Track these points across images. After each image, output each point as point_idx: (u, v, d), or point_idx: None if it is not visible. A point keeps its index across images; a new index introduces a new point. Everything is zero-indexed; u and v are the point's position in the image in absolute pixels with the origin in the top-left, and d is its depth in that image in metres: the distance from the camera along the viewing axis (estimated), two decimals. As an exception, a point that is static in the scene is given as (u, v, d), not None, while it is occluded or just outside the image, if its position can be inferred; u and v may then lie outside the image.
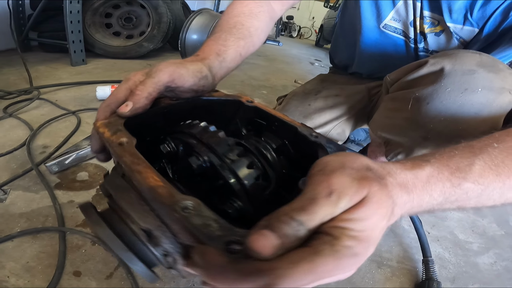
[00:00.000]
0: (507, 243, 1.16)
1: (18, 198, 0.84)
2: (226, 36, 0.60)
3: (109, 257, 0.74)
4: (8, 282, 0.64)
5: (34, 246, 0.72)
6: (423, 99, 0.64)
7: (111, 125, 0.38)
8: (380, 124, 0.83)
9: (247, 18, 0.67)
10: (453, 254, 1.03)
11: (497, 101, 0.59)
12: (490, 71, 0.59)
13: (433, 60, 0.65)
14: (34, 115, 1.23)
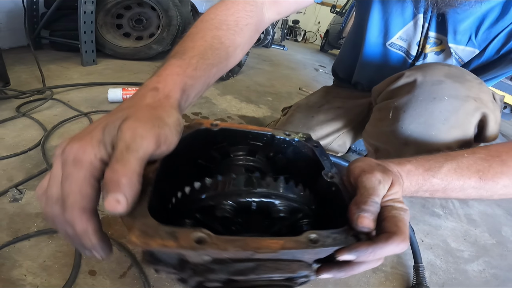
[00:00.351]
0: (498, 252, 1.19)
1: (33, 198, 0.85)
2: (197, 62, 0.47)
3: (122, 257, 0.76)
4: (25, 281, 0.66)
5: (50, 246, 0.74)
6: (400, 108, 0.70)
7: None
8: (370, 133, 0.86)
9: (229, 34, 0.57)
10: (444, 261, 1.05)
11: (463, 108, 0.64)
12: (456, 81, 0.65)
13: (408, 72, 0.71)
14: (46, 115, 1.25)
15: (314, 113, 1.07)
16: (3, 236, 0.73)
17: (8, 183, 0.88)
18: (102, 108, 1.40)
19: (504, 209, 1.53)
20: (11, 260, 0.69)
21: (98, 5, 1.86)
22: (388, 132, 0.75)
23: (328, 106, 1.09)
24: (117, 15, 2.10)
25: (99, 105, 1.42)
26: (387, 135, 0.75)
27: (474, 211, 1.44)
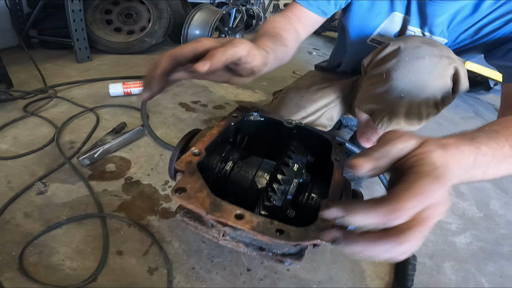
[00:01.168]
0: (485, 225, 1.22)
1: (57, 189, 0.89)
2: (274, 41, 0.69)
3: (143, 237, 0.81)
4: (64, 265, 0.70)
5: (80, 231, 0.78)
6: (391, 69, 0.80)
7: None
8: (363, 98, 0.93)
9: (283, 31, 0.77)
10: (432, 233, 1.10)
11: (440, 63, 0.76)
12: (430, 45, 0.77)
13: (392, 42, 0.82)
14: (54, 113, 1.26)
15: (304, 93, 1.14)
16: (37, 226, 0.77)
17: (31, 177, 0.91)
18: (106, 103, 1.41)
19: (492, 182, 1.54)
20: (48, 248, 0.73)
21: (85, 2, 1.83)
22: (383, 92, 0.84)
23: (316, 87, 1.16)
24: (105, 11, 2.07)
25: (102, 100, 1.43)
26: (382, 94, 0.84)
27: (463, 184, 1.46)
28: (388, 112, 0.85)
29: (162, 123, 1.37)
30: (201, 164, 0.50)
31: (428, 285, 0.88)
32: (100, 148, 1.02)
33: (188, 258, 0.78)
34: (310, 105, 1.10)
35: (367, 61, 0.91)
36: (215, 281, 0.75)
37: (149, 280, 0.71)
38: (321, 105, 1.11)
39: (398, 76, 0.79)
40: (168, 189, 0.99)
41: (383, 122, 0.88)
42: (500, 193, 1.46)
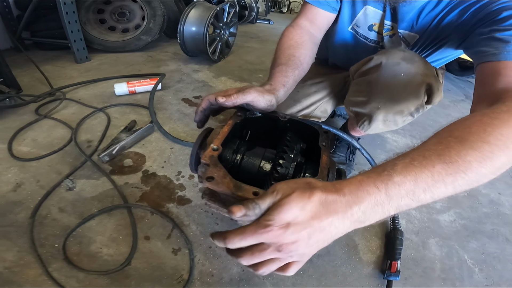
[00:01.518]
0: (468, 203, 1.30)
1: (84, 185, 1.02)
2: (286, 69, 0.83)
3: (165, 223, 0.95)
4: (102, 252, 0.84)
5: (111, 221, 0.92)
6: (372, 82, 0.94)
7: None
8: (350, 102, 1.07)
9: (296, 50, 0.89)
10: (418, 211, 1.22)
11: (414, 80, 0.89)
12: (408, 63, 0.90)
13: (376, 56, 0.95)
14: (66, 115, 1.37)
15: (299, 88, 1.26)
16: (72, 219, 0.91)
17: (58, 176, 1.04)
18: (113, 102, 1.53)
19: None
20: (86, 238, 0.87)
21: (77, 3, 1.90)
22: (364, 101, 0.98)
23: (310, 82, 1.28)
24: (98, 11, 2.14)
25: (109, 100, 1.55)
26: (364, 102, 0.99)
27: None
28: (368, 117, 1.01)
29: (169, 118, 1.49)
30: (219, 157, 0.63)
31: (415, 259, 1.00)
32: (116, 145, 1.15)
33: (205, 238, 0.93)
34: (305, 99, 1.23)
35: (353, 69, 1.05)
36: (229, 257, 0.88)
37: (175, 259, 0.85)
38: (315, 100, 1.24)
39: (376, 91, 0.93)
40: (181, 179, 1.13)
41: (364, 126, 1.05)
42: None
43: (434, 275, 0.96)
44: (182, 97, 1.72)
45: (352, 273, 0.92)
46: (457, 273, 0.98)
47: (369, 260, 0.97)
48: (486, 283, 0.97)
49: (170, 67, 2.10)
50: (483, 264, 1.03)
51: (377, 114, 0.97)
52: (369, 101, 0.96)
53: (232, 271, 0.86)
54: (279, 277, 0.86)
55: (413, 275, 0.95)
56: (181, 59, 2.27)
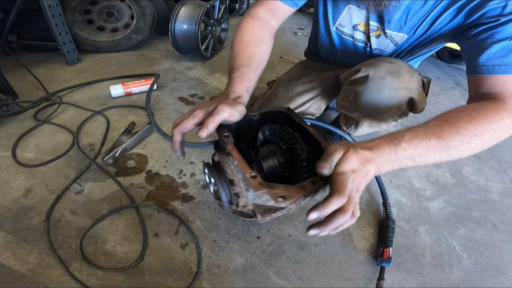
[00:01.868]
0: (457, 191, 1.40)
1: (92, 188, 1.09)
2: (248, 72, 0.84)
3: (171, 220, 1.03)
4: (117, 251, 0.92)
5: (122, 221, 1.00)
6: (358, 93, 1.03)
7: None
8: (340, 104, 1.19)
9: (257, 47, 0.90)
10: (409, 199, 1.31)
11: (397, 95, 0.98)
12: (393, 77, 0.97)
13: (363, 68, 1.03)
14: (65, 119, 1.43)
15: (294, 87, 1.34)
16: (85, 220, 0.98)
17: (65, 180, 1.11)
18: (110, 104, 1.58)
19: None
20: (100, 238, 0.95)
21: (63, 5, 1.90)
22: (352, 107, 1.09)
23: (304, 80, 1.35)
24: (84, 11, 2.16)
25: (106, 102, 1.60)
26: (351, 108, 1.10)
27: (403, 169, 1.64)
28: (355, 122, 1.14)
29: (167, 118, 1.56)
30: None
31: (406, 246, 1.10)
32: (119, 148, 1.22)
33: (209, 233, 1.02)
34: (299, 98, 1.31)
35: (343, 76, 1.14)
36: (233, 249, 0.98)
37: (183, 254, 0.94)
38: (309, 98, 1.31)
39: (362, 101, 1.02)
40: (183, 177, 1.21)
41: (351, 128, 1.18)
42: (474, 159, 1.64)
43: (425, 261, 1.06)
44: (178, 96, 1.78)
45: (348, 260, 1.01)
46: (446, 259, 1.08)
47: (363, 248, 1.06)
48: (474, 269, 1.06)
49: (163, 66, 2.14)
50: (471, 250, 1.12)
51: (363, 121, 1.10)
52: (355, 109, 1.07)
53: (237, 261, 0.95)
54: (280, 265, 0.96)
55: (404, 261, 1.04)
56: (174, 57, 2.31)
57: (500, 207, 1.35)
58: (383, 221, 1.14)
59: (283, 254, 1.00)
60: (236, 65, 0.85)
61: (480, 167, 1.59)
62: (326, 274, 0.97)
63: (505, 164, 1.67)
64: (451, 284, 1.00)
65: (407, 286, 0.98)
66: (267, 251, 1.00)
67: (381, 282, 0.93)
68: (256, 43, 0.91)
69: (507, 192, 1.45)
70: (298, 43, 3.15)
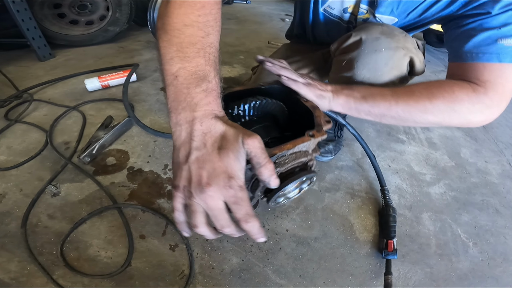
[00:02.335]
0: (457, 174, 1.40)
1: (69, 189, 1.03)
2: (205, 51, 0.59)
3: (158, 220, 0.98)
4: (101, 256, 0.87)
5: (104, 223, 0.94)
6: (353, 59, 0.98)
7: None
8: (333, 79, 1.12)
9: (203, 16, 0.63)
10: (409, 184, 1.29)
11: (396, 55, 0.93)
12: (388, 37, 0.93)
13: (354, 33, 0.98)
14: (37, 117, 1.35)
15: None
16: (64, 225, 0.92)
17: (40, 182, 1.04)
18: (86, 98, 1.51)
19: (463, 131, 1.72)
20: (82, 242, 0.89)
21: (28, 1, 1.81)
22: (347, 77, 1.02)
23: (290, 60, 1.30)
24: (54, 6, 2.07)
25: (81, 97, 1.53)
26: (347, 79, 1.03)
27: (434, 134, 1.68)
28: None
29: (149, 110, 1.50)
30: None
31: (410, 235, 1.08)
32: (96, 144, 1.16)
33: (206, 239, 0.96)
34: None
35: (334, 47, 1.08)
36: (227, 248, 0.93)
37: (173, 256, 0.89)
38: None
39: (359, 66, 0.96)
40: (168, 172, 1.15)
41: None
42: (470, 140, 1.66)
43: (431, 251, 1.03)
44: (160, 86, 1.72)
45: (351, 254, 0.98)
46: (452, 248, 1.06)
47: (366, 239, 1.03)
48: (481, 258, 1.05)
49: (144, 57, 2.08)
50: (477, 238, 1.11)
51: None
52: (352, 77, 1.00)
53: (232, 261, 0.90)
54: (279, 263, 0.92)
55: (410, 252, 1.02)
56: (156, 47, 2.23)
57: (501, 190, 1.35)
58: (383, 209, 1.11)
59: (281, 251, 0.96)
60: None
61: (478, 149, 1.60)
62: (329, 270, 0.93)
63: (502, 145, 1.68)
64: (459, 275, 0.98)
65: (415, 278, 0.95)
66: (264, 249, 0.95)
67: (389, 277, 0.89)
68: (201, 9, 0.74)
69: (506, 174, 1.46)
70: (286, 29, 3.11)
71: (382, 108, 0.76)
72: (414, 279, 0.94)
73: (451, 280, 0.96)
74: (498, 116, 0.78)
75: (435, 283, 0.95)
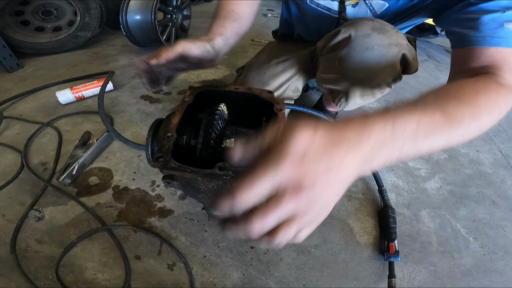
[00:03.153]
0: (450, 166, 1.45)
1: (53, 212, 1.02)
2: (224, 21, 0.86)
3: (151, 239, 0.98)
4: (98, 278, 0.87)
5: (95, 246, 0.94)
6: (343, 58, 0.97)
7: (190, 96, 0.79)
8: (322, 79, 1.13)
9: (236, 6, 0.92)
10: (405, 181, 1.33)
11: (389, 52, 0.92)
12: (380, 33, 0.92)
13: (343, 29, 0.96)
14: (10, 137, 1.32)
15: (265, 69, 1.30)
16: (54, 249, 0.92)
17: (22, 207, 1.02)
18: (60, 113, 1.48)
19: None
20: (76, 266, 0.89)
21: None
22: (337, 77, 1.03)
23: (276, 61, 1.32)
24: (16, 13, 2.00)
25: (54, 111, 1.50)
26: (337, 79, 1.04)
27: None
28: (345, 93, 1.07)
29: (129, 122, 1.48)
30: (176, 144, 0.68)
31: (411, 234, 1.11)
32: (75, 164, 1.14)
33: (197, 248, 0.97)
34: (273, 81, 1.27)
35: (321, 44, 1.07)
36: (226, 263, 0.94)
37: (172, 275, 0.89)
38: (284, 79, 1.28)
39: (349, 66, 0.96)
40: (157, 189, 1.15)
41: (341, 103, 1.11)
42: None
43: (432, 249, 1.07)
44: (140, 94, 1.70)
45: (353, 258, 1.01)
46: (454, 245, 1.10)
47: (367, 242, 1.06)
48: (482, 252, 1.09)
49: (121, 62, 2.05)
50: (476, 232, 1.15)
51: (354, 91, 1.03)
52: (342, 78, 1.02)
53: (233, 276, 0.91)
54: (281, 274, 0.93)
55: (412, 252, 1.05)
56: (133, 51, 2.22)
57: (495, 180, 1.41)
58: (382, 210, 1.14)
59: (282, 262, 0.97)
60: (213, 18, 0.89)
61: (468, 138, 1.64)
62: (332, 276, 0.95)
63: (491, 133, 1.75)
64: (463, 271, 1.02)
65: (419, 278, 0.98)
66: (264, 261, 0.97)
67: (393, 281, 0.92)
68: (236, 3, 0.93)
69: (498, 163, 1.52)
70: (269, 24, 3.18)
71: (439, 143, 0.49)
72: (418, 279, 0.98)
73: (455, 276, 1.00)
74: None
75: (440, 281, 0.98)
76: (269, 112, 0.80)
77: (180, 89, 1.80)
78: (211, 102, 0.83)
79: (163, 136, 0.66)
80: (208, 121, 0.73)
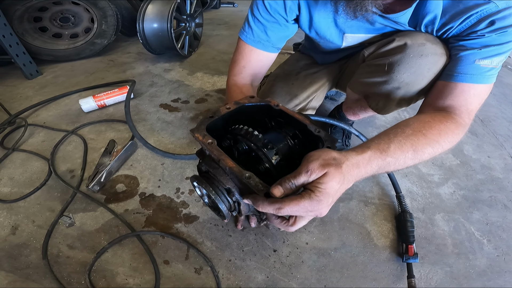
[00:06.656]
0: (463, 172, 1.45)
1: (83, 219, 1.06)
2: None
3: (179, 244, 1.01)
4: (129, 283, 0.91)
5: (125, 251, 0.97)
6: (395, 62, 1.00)
7: (200, 131, 0.71)
8: (359, 83, 1.15)
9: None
10: (419, 187, 1.34)
11: (440, 60, 0.95)
12: (433, 44, 0.95)
13: (398, 38, 1.00)
14: (35, 144, 1.37)
15: (293, 80, 1.33)
16: (86, 254, 0.95)
17: (51, 213, 1.07)
18: (83, 121, 1.52)
19: None
20: (108, 271, 0.93)
21: (6, 15, 1.81)
22: (381, 81, 1.06)
23: (305, 73, 1.35)
24: (34, 19, 2.06)
25: (78, 119, 1.54)
26: (380, 83, 1.06)
27: None
28: (384, 98, 1.09)
29: (151, 130, 1.52)
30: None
31: (426, 237, 1.13)
32: (103, 172, 1.18)
33: (222, 253, 1.00)
34: (301, 92, 1.30)
35: (368, 52, 1.12)
36: (251, 266, 0.97)
37: (200, 279, 0.93)
38: (312, 91, 1.31)
39: (400, 70, 0.99)
40: (181, 196, 1.18)
41: (378, 107, 1.13)
42: (471, 136, 1.70)
43: (448, 251, 1.09)
44: (159, 103, 1.73)
45: (371, 260, 1.03)
46: (468, 246, 1.11)
47: (384, 245, 1.08)
48: (496, 253, 1.10)
49: (137, 70, 2.08)
50: (490, 235, 1.16)
51: (396, 94, 1.06)
52: (388, 81, 1.04)
53: (257, 279, 0.94)
54: (303, 276, 0.96)
55: (428, 254, 1.07)
56: (148, 59, 2.25)
57: (506, 184, 1.41)
58: (400, 215, 1.16)
59: (303, 264, 1.00)
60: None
61: (479, 144, 1.65)
62: (352, 277, 0.98)
63: (501, 138, 1.74)
64: (478, 271, 1.04)
65: (436, 278, 1.00)
66: (287, 264, 1.00)
67: (413, 281, 0.95)
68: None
69: (509, 168, 1.52)
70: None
71: (399, 168, 0.74)
72: (435, 279, 1.00)
73: (471, 277, 1.02)
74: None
75: (456, 281, 1.00)
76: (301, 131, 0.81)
77: (197, 98, 1.83)
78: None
79: (242, 177, 0.64)
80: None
